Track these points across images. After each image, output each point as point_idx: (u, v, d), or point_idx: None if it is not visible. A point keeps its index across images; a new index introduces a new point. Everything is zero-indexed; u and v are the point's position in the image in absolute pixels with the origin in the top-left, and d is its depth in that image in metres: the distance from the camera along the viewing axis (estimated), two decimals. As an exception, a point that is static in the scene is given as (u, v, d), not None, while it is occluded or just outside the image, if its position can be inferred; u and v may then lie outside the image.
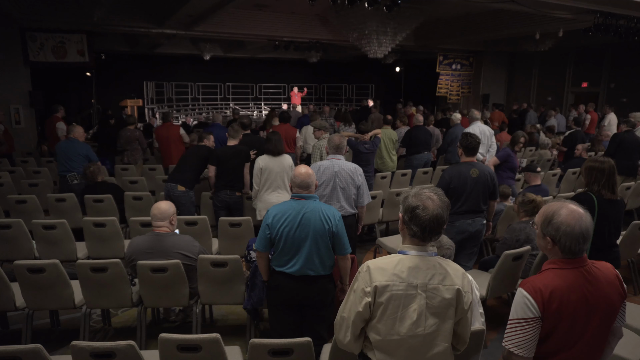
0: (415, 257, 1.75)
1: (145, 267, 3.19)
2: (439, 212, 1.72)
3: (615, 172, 3.09)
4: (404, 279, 1.72)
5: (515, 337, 1.73)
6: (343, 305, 1.83)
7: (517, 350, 1.73)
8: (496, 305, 4.30)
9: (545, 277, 1.74)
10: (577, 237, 1.69)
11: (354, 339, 1.79)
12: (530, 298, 1.70)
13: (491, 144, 6.74)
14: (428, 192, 1.76)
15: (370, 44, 10.08)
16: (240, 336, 3.62)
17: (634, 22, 9.22)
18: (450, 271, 1.77)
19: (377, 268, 1.74)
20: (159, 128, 8.30)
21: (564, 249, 1.73)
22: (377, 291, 1.71)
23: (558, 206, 1.75)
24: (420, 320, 1.72)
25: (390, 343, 1.74)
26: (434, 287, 1.73)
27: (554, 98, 15.43)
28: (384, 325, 1.73)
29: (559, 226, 1.71)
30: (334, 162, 3.96)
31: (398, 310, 1.72)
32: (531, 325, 1.70)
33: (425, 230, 1.72)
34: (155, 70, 17.03)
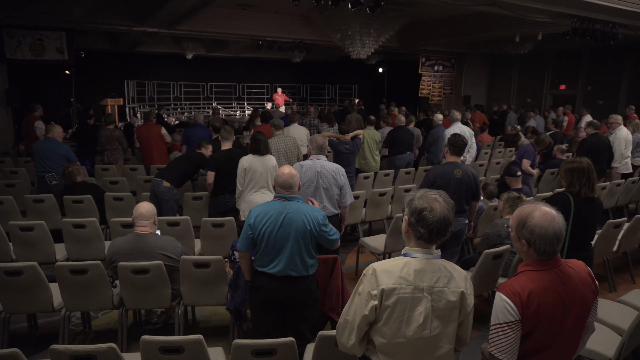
0: (421, 259, 1.76)
1: (126, 268, 3.15)
2: (446, 214, 1.74)
3: (593, 169, 3.18)
4: (410, 282, 1.72)
5: (499, 342, 1.75)
6: (347, 308, 1.81)
7: (501, 355, 1.75)
8: (477, 303, 4.36)
9: (522, 280, 1.77)
10: (551, 239, 1.73)
11: (358, 342, 1.79)
12: (509, 302, 1.73)
13: (471, 145, 6.84)
14: (434, 195, 1.77)
15: (353, 44, 10.13)
16: (224, 337, 3.60)
17: (609, 26, 9.47)
18: (454, 274, 1.79)
19: (384, 271, 1.74)
20: (140, 128, 8.20)
21: (538, 250, 1.76)
22: (384, 294, 1.71)
23: (531, 209, 1.79)
24: (426, 323, 1.73)
25: (395, 346, 1.74)
26: (440, 289, 1.74)
27: (533, 100, 15.74)
28: (389, 329, 1.73)
29: (532, 229, 1.74)
30: (317, 163, 3.98)
31: (404, 313, 1.72)
32: (512, 328, 1.73)
33: (432, 232, 1.73)
34: (137, 69, 16.79)
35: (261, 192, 4.64)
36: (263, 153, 4.67)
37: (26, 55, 9.81)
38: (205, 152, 5.53)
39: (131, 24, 10.49)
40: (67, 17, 9.55)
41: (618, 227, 4.49)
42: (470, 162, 7.04)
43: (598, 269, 4.58)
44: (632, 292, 3.61)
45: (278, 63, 18.83)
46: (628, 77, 13.48)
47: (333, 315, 3.12)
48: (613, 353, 2.69)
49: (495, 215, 4.83)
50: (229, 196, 5.04)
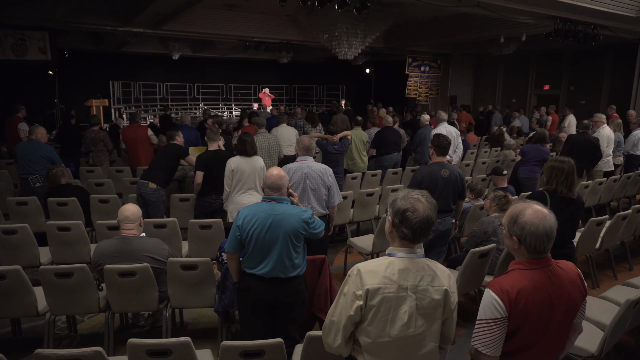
0: (405, 259, 1.78)
1: (112, 271, 3.12)
2: (429, 214, 1.75)
3: (574, 171, 3.23)
4: (395, 281, 1.73)
5: (484, 336, 1.78)
6: (332, 309, 1.82)
7: (485, 350, 1.78)
8: (464, 301, 4.41)
9: (512, 278, 1.80)
10: (542, 236, 1.75)
11: (344, 342, 1.80)
12: (497, 299, 1.75)
13: (457, 145, 6.91)
14: (416, 195, 1.78)
15: (340, 45, 10.16)
16: (212, 339, 3.59)
17: (591, 27, 9.66)
18: (438, 272, 1.81)
19: (368, 271, 1.75)
20: (126, 129, 8.11)
21: (529, 247, 1.78)
22: (368, 294, 1.72)
23: (523, 207, 1.81)
24: (410, 321, 1.75)
25: (380, 345, 1.76)
26: (424, 288, 1.76)
27: (518, 100, 15.96)
28: (374, 328, 1.75)
29: (523, 225, 1.76)
30: (304, 164, 3.98)
31: (389, 312, 1.73)
32: (498, 325, 1.76)
33: (416, 232, 1.74)
34: (122, 70, 16.60)
35: (249, 194, 4.63)
36: (250, 154, 4.66)
37: (8, 55, 9.65)
38: (179, 139, 5.48)
39: (116, 24, 10.38)
40: (50, 17, 9.41)
41: (600, 225, 4.57)
42: (457, 162, 7.12)
43: (581, 266, 4.65)
44: (614, 288, 3.69)
45: (265, 64, 18.78)
46: (609, 78, 13.75)
47: (321, 315, 3.13)
48: (596, 348, 2.75)
49: (481, 215, 4.89)
50: (215, 197, 5.02)
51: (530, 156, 6.25)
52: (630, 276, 4.65)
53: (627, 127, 8.38)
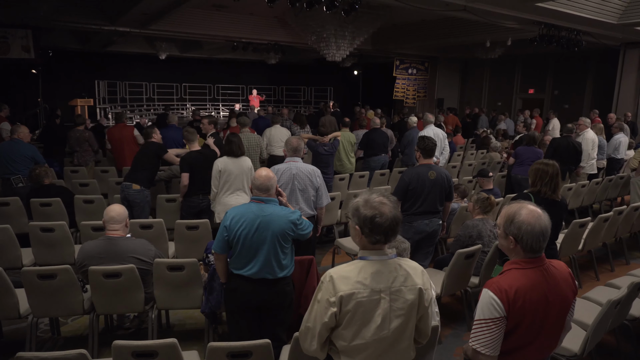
0: (376, 262, 1.78)
1: (97, 272, 3.08)
2: (395, 214, 1.76)
3: (559, 174, 3.30)
4: (367, 285, 1.74)
5: (482, 336, 1.80)
6: (307, 315, 1.82)
7: (483, 350, 1.80)
8: (450, 302, 4.46)
9: (509, 277, 1.82)
10: (538, 235, 1.79)
11: (320, 347, 1.80)
12: (496, 298, 1.77)
13: (444, 147, 6.98)
14: (378, 198, 1.78)
15: (328, 47, 10.19)
16: (199, 341, 3.56)
17: (574, 33, 9.85)
18: (410, 271, 1.81)
19: (340, 277, 1.75)
20: (111, 129, 8.01)
21: (525, 247, 1.80)
22: (342, 301, 1.72)
23: (518, 207, 1.84)
24: (384, 323, 1.75)
25: (356, 347, 1.76)
26: (397, 289, 1.77)
27: (504, 103, 16.18)
28: (349, 332, 1.75)
29: (520, 225, 1.79)
30: (292, 165, 3.98)
31: (364, 316, 1.74)
32: (497, 324, 1.77)
33: (387, 234, 1.76)
34: (108, 69, 16.40)
35: (236, 194, 4.61)
36: (237, 155, 4.64)
37: (-10, 53, 9.47)
38: (156, 137, 5.39)
39: (102, 23, 10.25)
40: (34, 15, 9.25)
41: (583, 227, 4.66)
42: (444, 164, 7.18)
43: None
44: (596, 288, 3.75)
45: (253, 64, 18.73)
46: (592, 83, 14.03)
47: (309, 316, 3.13)
48: (578, 347, 2.79)
49: (468, 216, 4.94)
50: (202, 197, 4.98)
51: (525, 157, 6.43)
52: (611, 277, 4.74)
53: (608, 130, 8.56)
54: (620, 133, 7.93)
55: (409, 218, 3.98)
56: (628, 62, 11.71)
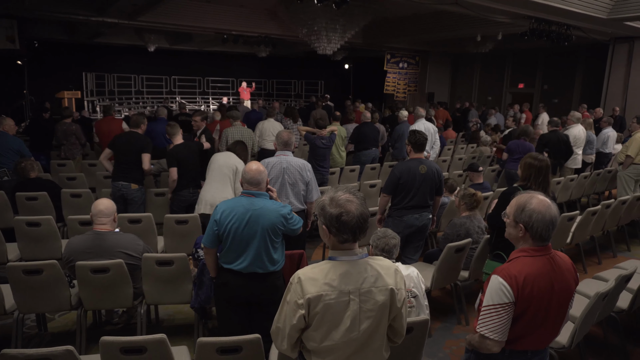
0: (345, 262, 1.73)
1: (84, 267, 3.03)
2: (362, 210, 1.70)
3: (549, 171, 3.26)
4: (335, 287, 1.69)
5: (491, 322, 1.84)
6: (278, 316, 1.79)
7: (492, 335, 1.84)
8: (440, 295, 4.48)
9: (519, 264, 1.86)
10: (548, 223, 1.84)
11: (290, 347, 1.78)
12: (506, 284, 1.81)
13: (435, 141, 6.99)
14: (343, 195, 1.72)
15: (319, 40, 10.13)
16: (188, 336, 3.54)
17: (564, 28, 9.91)
18: (381, 271, 1.76)
19: (308, 279, 1.70)
20: (99, 122, 7.90)
21: (535, 235, 1.85)
22: (310, 303, 1.68)
23: (528, 197, 1.89)
24: (354, 325, 1.71)
25: (326, 348, 1.74)
26: (367, 290, 1.72)
27: (494, 97, 16.26)
28: (319, 333, 1.72)
29: (531, 213, 1.84)
30: (282, 159, 3.95)
31: (332, 318, 1.71)
32: (506, 310, 1.82)
33: (355, 232, 1.70)
34: (96, 61, 16.18)
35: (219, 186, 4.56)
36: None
37: (-28, 43, 9.27)
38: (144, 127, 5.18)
39: (89, 14, 10.07)
40: (19, 4, 9.07)
41: (571, 220, 4.70)
42: (434, 158, 7.20)
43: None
44: (584, 281, 3.79)
45: (244, 57, 18.60)
46: (581, 77, 14.14)
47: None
48: (566, 340, 2.82)
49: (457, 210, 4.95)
50: (192, 190, 4.92)
51: (517, 151, 6.45)
52: (599, 270, 4.79)
53: (596, 123, 8.63)
54: (609, 127, 8.01)
55: (399, 212, 3.98)
56: (617, 57, 11.82)
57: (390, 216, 4.06)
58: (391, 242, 2.74)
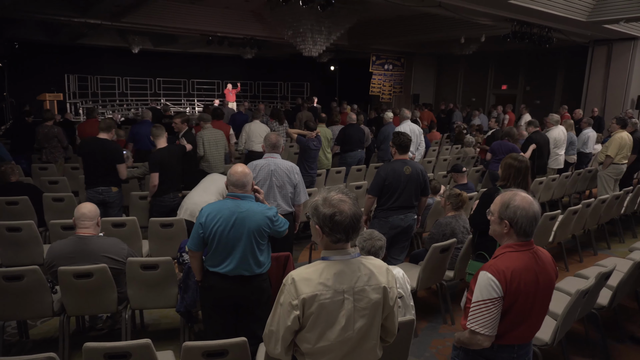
0: (339, 262, 1.74)
1: (67, 273, 2.99)
2: (355, 211, 1.72)
3: (529, 172, 3.30)
4: (330, 286, 1.70)
5: (481, 317, 1.88)
6: (271, 319, 1.79)
7: (483, 330, 1.88)
8: (426, 295, 4.52)
9: (505, 259, 1.92)
10: (531, 219, 1.91)
11: (284, 351, 1.77)
12: (494, 279, 1.86)
13: (420, 142, 7.05)
14: (337, 195, 1.73)
15: (305, 42, 10.15)
16: (174, 340, 3.51)
17: (545, 30, 10.09)
18: (374, 270, 1.78)
19: (302, 279, 1.71)
20: (82, 124, 7.80)
21: (519, 230, 1.92)
22: (305, 303, 1.68)
23: (512, 194, 1.96)
24: (349, 324, 1.73)
25: (321, 349, 1.74)
26: (361, 289, 1.73)
27: (478, 99, 16.47)
28: (313, 334, 1.72)
29: (515, 210, 1.91)
30: (270, 161, 3.94)
31: (327, 317, 1.71)
32: (495, 304, 1.87)
33: (348, 232, 1.72)
34: (78, 63, 15.95)
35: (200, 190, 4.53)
36: None
37: (-50, 45, 9.05)
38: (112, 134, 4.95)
39: (71, 15, 9.93)
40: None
41: (553, 219, 4.79)
42: (420, 160, 7.26)
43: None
44: (566, 279, 3.87)
45: (229, 59, 18.52)
46: (562, 79, 14.41)
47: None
48: (549, 337, 2.87)
49: (443, 211, 5.00)
50: (172, 195, 4.83)
51: (502, 151, 6.54)
52: (580, 267, 4.89)
53: (576, 124, 8.79)
54: (589, 128, 8.17)
55: (384, 213, 4.00)
56: (596, 59, 12.07)
57: (376, 217, 4.08)
58: (377, 244, 2.75)
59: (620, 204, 6.00)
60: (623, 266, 3.72)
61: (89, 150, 4.81)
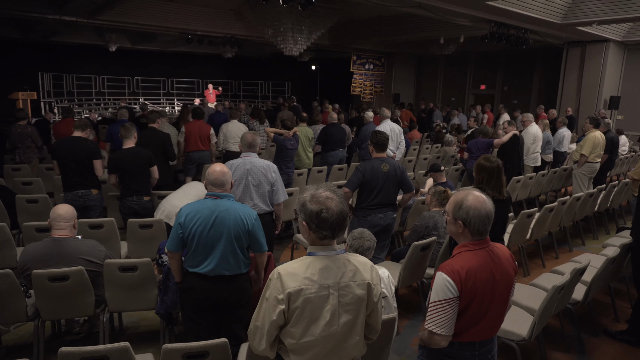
0: (324, 257, 1.77)
1: (42, 276, 2.91)
2: (341, 208, 1.75)
3: (502, 172, 3.35)
4: (315, 281, 1.72)
5: (438, 317, 1.90)
6: (256, 314, 1.79)
7: (439, 330, 1.90)
8: (407, 293, 4.56)
9: (460, 259, 1.94)
10: (484, 218, 1.93)
11: (269, 346, 1.78)
12: (449, 280, 1.88)
13: (400, 141, 7.10)
14: (324, 192, 1.75)
15: (285, 41, 10.12)
16: (154, 343, 3.46)
17: (522, 32, 10.30)
18: (359, 266, 1.81)
19: (288, 274, 1.72)
20: (58, 124, 7.61)
21: (472, 230, 1.95)
22: (290, 298, 1.70)
23: (465, 194, 1.99)
24: (333, 319, 1.74)
25: (305, 345, 1.75)
26: (346, 284, 1.76)
27: (457, 98, 16.70)
28: (298, 329, 1.73)
29: (468, 209, 1.94)
30: (246, 160, 3.91)
31: (312, 312, 1.72)
32: (451, 305, 1.89)
33: (334, 229, 1.74)
34: (53, 61, 15.55)
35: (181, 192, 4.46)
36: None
37: None
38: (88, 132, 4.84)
39: (45, 11, 9.67)
40: (-32, 1, 8.62)
41: (530, 217, 4.89)
42: (400, 158, 7.32)
43: (514, 256, 4.95)
44: (543, 275, 3.95)
45: (209, 58, 18.33)
46: (538, 79, 14.73)
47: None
48: (526, 332, 2.93)
49: (423, 209, 5.06)
50: (136, 198, 4.61)
51: (478, 147, 6.76)
52: (556, 264, 5.00)
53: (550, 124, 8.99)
54: (564, 127, 8.37)
55: (364, 212, 4.03)
56: (571, 61, 12.38)
57: (356, 216, 4.10)
58: (366, 244, 2.75)
59: (594, 202, 6.16)
60: (597, 262, 3.83)
61: (63, 150, 4.66)
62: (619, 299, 4.37)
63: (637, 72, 12.26)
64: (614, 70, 12.15)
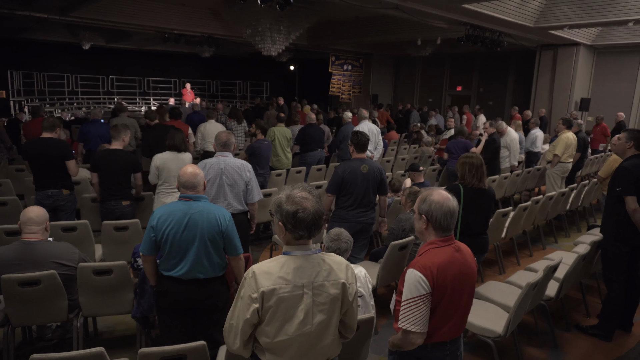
0: (299, 257, 1.77)
1: (11, 281, 2.82)
2: (317, 208, 1.75)
3: (483, 164, 3.55)
4: (289, 280, 1.72)
5: (412, 315, 1.91)
6: (231, 313, 1.79)
7: (414, 328, 1.92)
8: (386, 293, 4.59)
9: (430, 256, 1.96)
10: (446, 212, 1.97)
11: (243, 345, 1.78)
12: (422, 276, 1.90)
13: (378, 142, 7.16)
14: (300, 193, 1.76)
15: (264, 41, 10.07)
16: (130, 347, 3.39)
17: (497, 35, 10.52)
18: (334, 266, 1.81)
19: (263, 273, 1.72)
20: (27, 124, 7.39)
21: (435, 224, 1.99)
22: (264, 296, 1.70)
23: (430, 191, 2.06)
24: (307, 318, 1.74)
25: (280, 344, 1.75)
26: (320, 284, 1.76)
27: (435, 99, 16.94)
28: (272, 328, 1.74)
29: (430, 203, 2.00)
30: (220, 159, 3.87)
31: (286, 311, 1.73)
32: (424, 301, 1.91)
33: (310, 229, 1.75)
34: (23, 59, 15.08)
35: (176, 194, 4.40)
36: (180, 150, 4.44)
37: None
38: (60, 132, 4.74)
39: (13, 7, 9.35)
40: None
41: (505, 216, 4.99)
42: (378, 159, 7.37)
43: (489, 254, 5.06)
44: (517, 273, 4.04)
45: (186, 57, 18.10)
46: (513, 81, 15.08)
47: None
48: (502, 329, 2.99)
49: (401, 209, 5.10)
50: (114, 203, 4.45)
51: (458, 147, 6.93)
52: (530, 261, 5.13)
53: (524, 125, 9.22)
54: (536, 128, 8.57)
55: (342, 212, 4.04)
56: (543, 63, 12.71)
57: (334, 216, 4.11)
58: (342, 246, 2.74)
59: (566, 200, 6.34)
60: (569, 259, 3.93)
61: (33, 152, 4.52)
62: (590, 295, 4.50)
63: (606, 75, 12.68)
64: (585, 73, 12.53)
